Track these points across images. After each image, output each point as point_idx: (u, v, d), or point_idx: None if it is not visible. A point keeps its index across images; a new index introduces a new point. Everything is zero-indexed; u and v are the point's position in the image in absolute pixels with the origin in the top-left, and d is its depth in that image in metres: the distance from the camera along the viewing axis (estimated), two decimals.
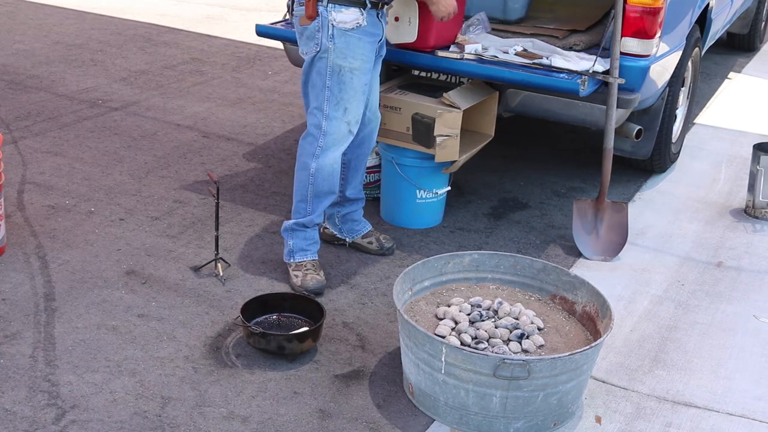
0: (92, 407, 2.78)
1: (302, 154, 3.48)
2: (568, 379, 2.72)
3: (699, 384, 3.10)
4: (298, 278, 3.50)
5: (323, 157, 3.43)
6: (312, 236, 3.57)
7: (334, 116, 3.38)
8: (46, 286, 3.45)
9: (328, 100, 3.36)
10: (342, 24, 3.28)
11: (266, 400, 2.88)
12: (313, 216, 3.52)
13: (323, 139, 3.41)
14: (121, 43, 6.89)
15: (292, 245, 3.55)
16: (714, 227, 4.31)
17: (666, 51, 4.12)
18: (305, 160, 3.46)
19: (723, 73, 6.91)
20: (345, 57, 3.32)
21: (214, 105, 5.62)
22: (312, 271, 3.52)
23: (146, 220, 4.05)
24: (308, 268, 3.53)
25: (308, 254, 3.57)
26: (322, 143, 3.41)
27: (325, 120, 3.38)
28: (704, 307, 3.61)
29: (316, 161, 3.43)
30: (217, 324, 3.28)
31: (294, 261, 3.55)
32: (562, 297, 3.17)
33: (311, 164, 3.44)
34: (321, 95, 3.37)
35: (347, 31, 3.30)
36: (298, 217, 3.54)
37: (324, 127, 3.39)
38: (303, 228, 3.54)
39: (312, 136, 3.43)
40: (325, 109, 3.37)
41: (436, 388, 2.78)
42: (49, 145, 4.81)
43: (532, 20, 4.65)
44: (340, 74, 3.33)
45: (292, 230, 3.55)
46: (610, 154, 3.98)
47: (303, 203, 3.52)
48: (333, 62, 3.32)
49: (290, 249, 3.56)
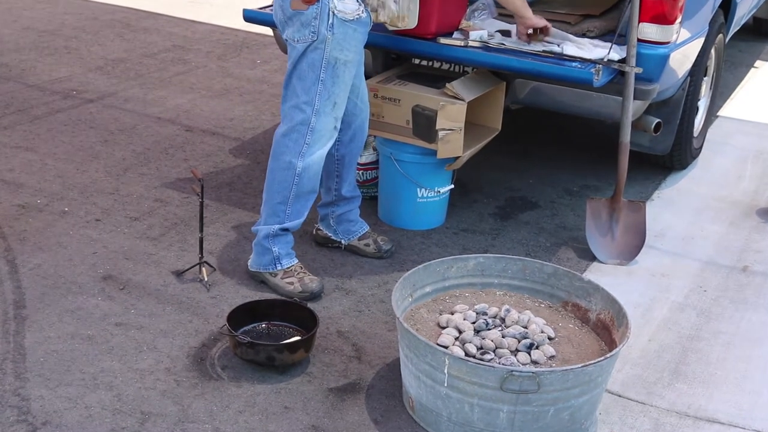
0: (66, 423, 2.78)
1: (284, 153, 3.45)
2: (581, 392, 2.73)
3: (723, 398, 3.11)
4: (294, 284, 3.49)
5: (309, 155, 3.42)
6: (291, 239, 3.60)
7: (324, 111, 3.38)
8: (15, 293, 3.45)
9: (320, 94, 3.36)
10: (343, 14, 3.29)
11: (254, 416, 2.88)
12: (299, 219, 3.53)
13: (310, 135, 3.41)
14: (97, 29, 6.90)
15: (277, 251, 3.53)
16: (739, 229, 4.32)
17: (687, 38, 4.13)
18: (289, 159, 3.44)
19: (749, 62, 6.93)
20: (342, 49, 3.32)
21: (198, 96, 5.63)
22: (305, 274, 3.54)
23: (124, 220, 4.05)
24: (299, 272, 3.54)
25: (293, 257, 3.59)
26: (309, 140, 3.41)
27: (314, 116, 3.38)
28: (728, 315, 3.62)
29: (302, 160, 3.42)
30: (202, 333, 3.28)
31: (282, 268, 3.54)
32: (575, 304, 3.18)
33: (297, 163, 3.43)
34: (313, 89, 3.36)
35: (347, 22, 3.30)
36: (277, 222, 3.51)
37: (312, 123, 3.39)
38: (285, 232, 3.55)
39: (297, 132, 3.41)
40: (316, 103, 3.37)
41: (438, 402, 2.78)
42: (19, 140, 4.82)
43: (542, 5, 4.65)
44: (335, 67, 3.33)
45: (276, 236, 3.52)
46: (627, 149, 3.99)
47: (282, 205, 3.49)
48: (329, 54, 3.32)
49: (275, 256, 3.54)
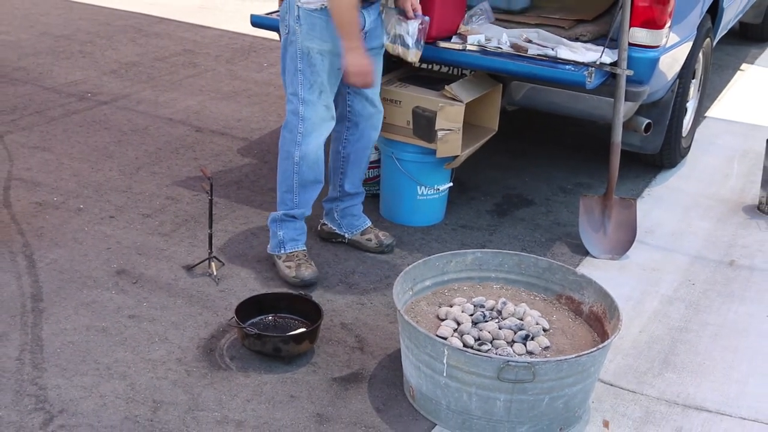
0: (81, 412, 2.78)
1: (284, 144, 3.50)
2: (575, 382, 2.73)
3: (711, 387, 3.11)
4: (291, 269, 3.52)
5: (305, 144, 3.45)
6: (301, 226, 3.61)
7: (309, 100, 3.40)
8: (33, 286, 3.45)
9: (302, 84, 3.39)
10: (306, 4, 3.30)
11: (261, 404, 2.88)
12: (303, 208, 3.55)
13: (302, 125, 3.43)
14: (110, 34, 6.89)
15: (282, 235, 3.57)
16: (726, 225, 4.31)
17: (676, 42, 4.12)
18: (288, 149, 3.48)
19: (735, 65, 6.91)
20: (312, 39, 3.33)
21: (207, 98, 5.62)
22: (305, 262, 3.55)
23: (137, 217, 4.05)
24: (300, 259, 3.56)
25: (299, 244, 3.60)
26: (302, 129, 3.44)
27: (302, 105, 3.41)
28: (716, 307, 3.61)
29: (299, 149, 3.45)
30: (211, 325, 3.28)
31: (284, 252, 3.57)
32: (569, 297, 3.18)
33: (294, 152, 3.46)
34: (295, 80, 3.40)
35: (312, 12, 3.30)
36: (286, 209, 3.55)
37: (302, 113, 3.41)
38: (292, 219, 3.57)
39: (291, 123, 3.45)
40: (300, 93, 3.40)
41: (437, 391, 2.78)
42: (37, 140, 4.81)
43: (537, 10, 4.65)
44: (309, 56, 3.35)
45: (281, 221, 3.58)
46: (618, 148, 3.98)
47: (289, 194, 3.54)
48: (302, 44, 3.34)
49: (280, 240, 3.57)
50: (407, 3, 3.46)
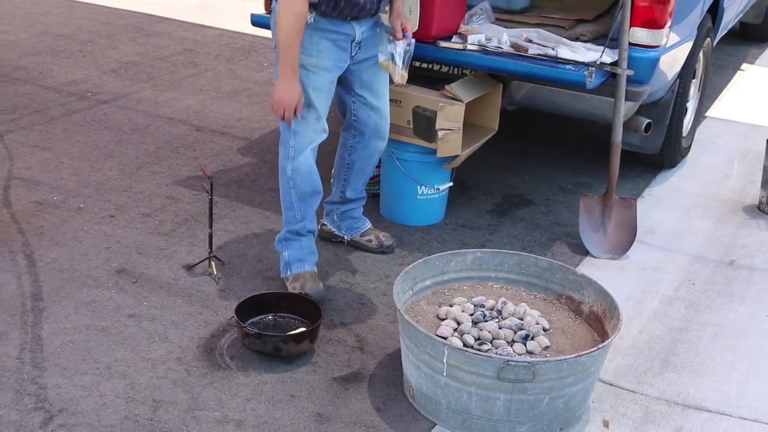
0: (81, 411, 2.78)
1: (281, 160, 3.43)
2: (575, 381, 2.73)
3: (710, 387, 3.10)
4: (295, 289, 3.41)
5: (297, 157, 3.38)
6: (308, 245, 3.50)
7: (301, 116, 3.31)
8: (33, 286, 3.45)
9: None
10: None
11: (261, 404, 2.88)
12: (305, 222, 3.46)
13: (294, 139, 3.36)
14: (110, 34, 6.89)
15: (288, 256, 3.48)
16: (726, 225, 4.31)
17: (676, 41, 4.12)
18: (283, 165, 3.42)
19: (736, 65, 6.91)
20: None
21: (207, 98, 5.62)
22: (311, 281, 3.44)
23: (137, 216, 4.05)
24: (307, 279, 3.44)
25: (306, 264, 3.47)
26: (294, 143, 3.37)
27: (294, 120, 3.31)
28: (716, 307, 3.61)
29: (291, 163, 3.39)
30: (211, 324, 3.28)
31: (291, 273, 3.46)
32: (569, 297, 3.17)
33: (287, 167, 3.40)
34: None
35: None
36: (290, 226, 3.48)
37: (293, 127, 3.33)
38: (297, 236, 3.48)
39: (284, 139, 3.39)
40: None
41: (437, 391, 2.78)
42: (37, 139, 4.81)
43: (537, 9, 4.65)
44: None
45: (286, 240, 3.49)
46: (618, 148, 3.98)
47: (291, 211, 3.45)
48: None
49: (286, 261, 3.48)
50: (397, 22, 3.37)
